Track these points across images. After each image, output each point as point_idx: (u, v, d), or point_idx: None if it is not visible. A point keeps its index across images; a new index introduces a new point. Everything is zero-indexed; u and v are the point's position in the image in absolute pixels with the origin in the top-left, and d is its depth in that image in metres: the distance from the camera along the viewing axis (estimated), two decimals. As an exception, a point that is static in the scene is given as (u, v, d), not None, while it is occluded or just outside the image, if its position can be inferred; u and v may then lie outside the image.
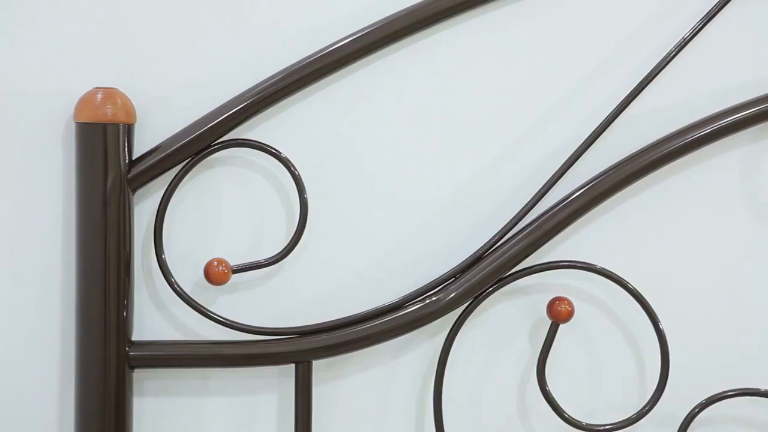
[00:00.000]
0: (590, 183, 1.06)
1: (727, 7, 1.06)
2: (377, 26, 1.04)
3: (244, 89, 1.04)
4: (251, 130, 1.05)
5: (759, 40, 1.08)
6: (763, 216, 1.10)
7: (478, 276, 1.05)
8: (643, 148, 1.06)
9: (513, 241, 1.05)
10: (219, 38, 1.05)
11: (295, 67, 1.03)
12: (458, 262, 1.06)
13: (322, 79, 1.04)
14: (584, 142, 1.06)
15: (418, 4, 1.05)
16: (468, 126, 1.07)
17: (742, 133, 1.08)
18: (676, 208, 1.09)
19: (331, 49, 1.04)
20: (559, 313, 1.06)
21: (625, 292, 1.07)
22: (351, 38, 1.04)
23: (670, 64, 1.06)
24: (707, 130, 1.06)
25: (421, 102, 1.07)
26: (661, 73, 1.06)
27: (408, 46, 1.06)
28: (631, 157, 1.06)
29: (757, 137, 1.09)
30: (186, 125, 1.03)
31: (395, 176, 1.07)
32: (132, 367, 1.03)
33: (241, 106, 1.03)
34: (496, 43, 1.07)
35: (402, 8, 1.05)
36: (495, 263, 1.05)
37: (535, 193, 1.06)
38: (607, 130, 1.06)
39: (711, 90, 1.08)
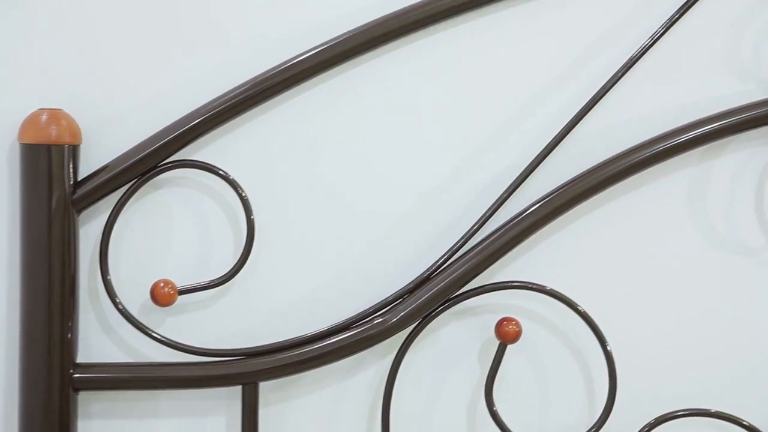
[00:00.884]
0: (539, 203, 1.03)
1: (676, 26, 1.03)
2: (330, 44, 1.01)
3: (196, 108, 1.01)
4: (205, 147, 1.02)
5: (706, 62, 1.05)
6: (711, 236, 1.07)
7: (425, 297, 1.01)
8: (592, 167, 1.04)
9: (461, 262, 1.02)
10: (170, 57, 1.02)
11: (246, 86, 1.01)
12: (408, 282, 1.04)
13: (276, 96, 1.02)
14: (532, 161, 1.04)
15: (372, 22, 1.02)
16: (420, 144, 1.05)
17: (690, 153, 1.05)
18: (625, 228, 1.07)
19: (284, 66, 1.01)
20: (506, 333, 1.03)
21: (575, 313, 1.05)
22: (304, 56, 1.01)
23: (619, 82, 1.03)
24: (656, 149, 1.03)
25: (374, 120, 1.04)
26: (610, 92, 1.04)
27: (362, 63, 1.04)
28: (579, 177, 1.03)
29: (704, 158, 1.06)
30: (134, 145, 1.01)
31: (347, 196, 1.04)
32: (77, 390, 0.99)
33: (188, 126, 1.00)
34: (447, 61, 1.04)
35: (354, 27, 1.02)
36: (443, 284, 1.02)
37: (485, 211, 1.04)
38: (556, 149, 1.04)
39: (660, 110, 1.05)
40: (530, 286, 1.04)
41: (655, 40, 1.03)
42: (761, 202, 1.06)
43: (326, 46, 1.02)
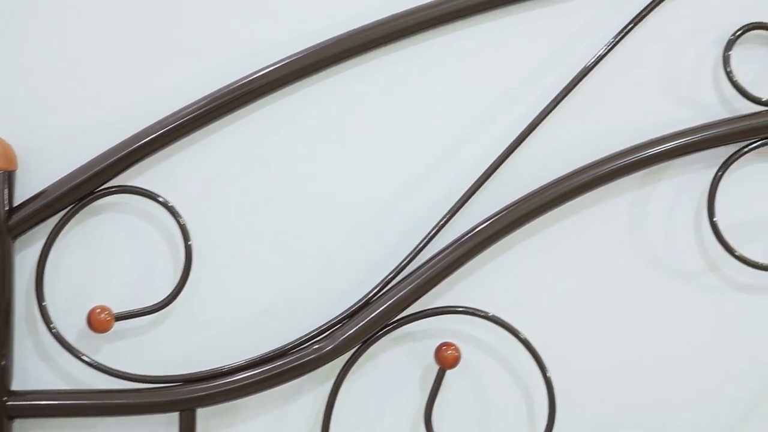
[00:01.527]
0: (478, 227, 1.01)
1: (614, 52, 1.02)
2: (279, 64, 0.99)
3: (138, 131, 0.99)
4: (151, 168, 1.00)
5: (645, 88, 1.04)
6: (652, 260, 1.05)
7: (363, 322, 0.99)
8: (533, 191, 1.02)
9: (399, 287, 1.00)
10: (115, 79, 1.00)
11: (192, 107, 0.98)
12: (348, 306, 1.01)
13: (226, 116, 1.00)
14: (472, 186, 1.02)
15: (311, 48, 1.00)
16: (363, 167, 1.03)
17: (630, 178, 1.03)
18: (566, 252, 1.05)
19: (232, 86, 0.99)
20: (445, 359, 1.01)
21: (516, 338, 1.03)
22: (254, 76, 0.99)
23: (558, 108, 1.02)
24: (597, 173, 1.02)
25: (315, 145, 1.02)
26: (550, 118, 1.02)
27: (312, 84, 1.01)
28: (520, 200, 1.02)
29: (644, 182, 1.05)
30: (73, 170, 0.98)
31: (290, 222, 1.02)
32: (11, 418, 0.96)
33: (128, 150, 0.97)
34: (388, 85, 1.02)
35: (292, 53, 1.00)
36: (381, 309, 0.99)
37: (425, 235, 1.02)
38: (497, 174, 1.02)
39: (600, 135, 1.03)
40: (471, 311, 1.02)
41: (591, 67, 1.02)
42: (700, 226, 1.05)
43: (276, 66, 1.00)
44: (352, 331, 0.99)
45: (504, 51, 1.03)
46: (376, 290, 1.01)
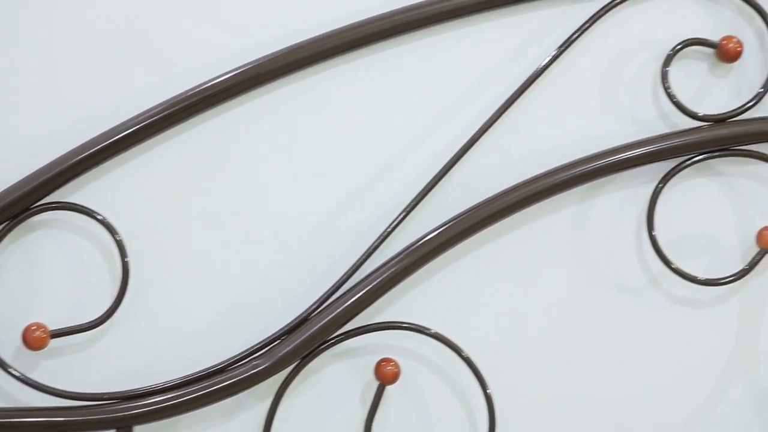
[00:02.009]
0: (419, 242, 0.99)
1: (554, 67, 1.01)
2: (207, 84, 0.97)
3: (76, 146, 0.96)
4: (93, 181, 0.97)
5: (585, 103, 1.02)
6: (593, 276, 1.04)
7: (301, 338, 0.97)
8: (474, 205, 1.00)
9: (339, 302, 0.98)
10: (51, 95, 0.97)
11: (130, 123, 0.96)
12: (288, 322, 0.99)
13: (172, 127, 0.97)
14: (412, 201, 1.00)
15: (258, 60, 0.98)
16: (301, 182, 1.00)
17: (571, 193, 1.02)
18: (508, 266, 1.03)
19: (180, 98, 0.96)
20: (385, 374, 0.99)
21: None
22: (204, 86, 0.96)
23: (499, 123, 1.00)
24: (539, 187, 1.00)
25: (260, 158, 1.00)
26: (490, 133, 1.00)
27: (249, 101, 0.99)
28: (461, 215, 1.00)
29: (585, 197, 1.03)
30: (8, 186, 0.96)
31: (231, 236, 1.00)
32: (-57, 437, 0.95)
33: (66, 165, 0.94)
34: (336, 98, 1.00)
35: (245, 62, 0.98)
36: (319, 325, 0.97)
37: (365, 250, 1.00)
38: (438, 189, 1.00)
39: (540, 150, 1.02)
40: (412, 327, 1.00)
41: (531, 82, 1.00)
42: (641, 241, 1.04)
43: (219, 79, 0.97)
44: (289, 347, 0.97)
45: (448, 64, 1.01)
46: (315, 306, 0.99)
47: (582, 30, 1.00)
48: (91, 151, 0.96)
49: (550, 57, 1.00)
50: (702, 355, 1.06)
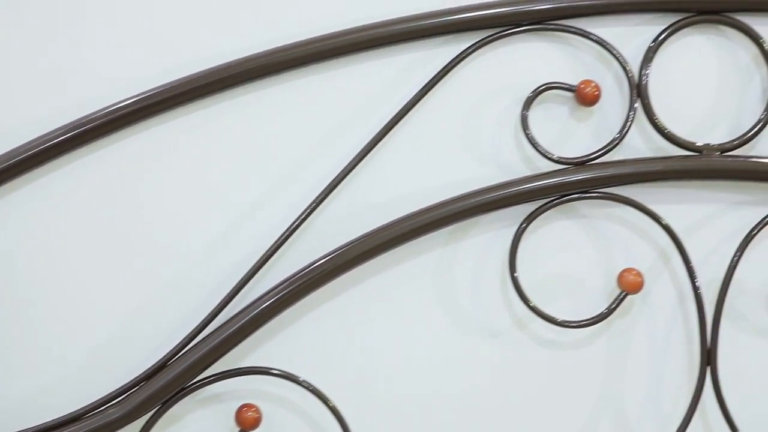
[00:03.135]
0: (277, 287, 0.96)
1: (417, 110, 0.98)
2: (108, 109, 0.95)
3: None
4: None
5: (448, 146, 1.00)
6: (458, 319, 1.01)
7: (160, 384, 0.93)
8: (338, 247, 0.97)
9: (197, 348, 0.95)
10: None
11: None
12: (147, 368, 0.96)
13: (59, 158, 0.94)
14: (274, 244, 0.97)
15: (129, 99, 0.95)
16: (169, 224, 0.98)
17: (436, 236, 0.99)
18: (372, 311, 1.00)
19: (65, 128, 0.94)
20: (245, 420, 0.96)
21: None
22: (93, 115, 0.94)
23: (363, 167, 0.98)
24: (403, 229, 0.97)
25: (124, 198, 0.97)
26: (353, 176, 0.98)
27: (112, 144, 0.97)
28: (325, 257, 0.97)
29: (450, 240, 1.01)
30: None
31: (90, 280, 0.96)
32: None
33: None
34: (206, 138, 0.97)
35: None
36: (178, 370, 0.94)
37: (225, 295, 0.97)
38: (301, 230, 0.97)
39: (404, 194, 0.99)
40: (276, 373, 0.97)
41: (392, 125, 0.98)
42: (507, 283, 1.02)
43: (114, 107, 0.95)
44: (146, 394, 0.93)
45: (314, 106, 0.99)
46: (174, 352, 0.95)
47: (442, 74, 0.98)
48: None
49: (409, 101, 0.98)
50: (569, 397, 1.03)
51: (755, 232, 1.00)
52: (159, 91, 0.95)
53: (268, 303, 0.96)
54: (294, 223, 0.97)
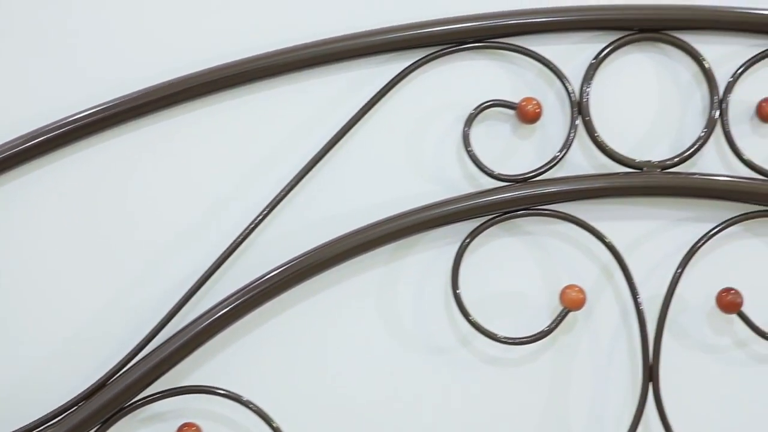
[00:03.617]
0: (218, 305, 0.95)
1: (360, 128, 0.98)
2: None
3: None
4: None
5: (391, 163, 0.99)
6: (402, 336, 1.00)
7: (100, 403, 0.92)
8: (280, 265, 0.96)
9: (137, 366, 0.93)
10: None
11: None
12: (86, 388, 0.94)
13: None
14: (215, 262, 0.96)
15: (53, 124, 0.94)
16: (106, 248, 0.96)
17: (378, 253, 0.98)
18: (316, 329, 0.99)
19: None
20: (185, 439, 0.96)
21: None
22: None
23: (305, 185, 0.97)
24: (345, 246, 0.96)
25: (60, 223, 0.96)
26: (296, 194, 0.97)
27: (44, 166, 0.96)
28: (265, 276, 0.95)
29: (393, 258, 1.00)
30: None
31: (42, 296, 0.95)
32: None
33: None
34: (144, 159, 0.97)
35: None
36: (117, 390, 0.92)
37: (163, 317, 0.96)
38: (245, 251, 0.97)
39: (348, 211, 0.98)
40: (210, 390, 0.96)
41: (334, 142, 0.97)
42: (450, 301, 1.01)
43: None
44: (85, 414, 0.92)
45: (258, 124, 0.98)
46: (113, 372, 0.94)
47: (385, 91, 0.98)
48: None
49: (351, 118, 0.98)
50: (514, 414, 1.02)
51: (697, 248, 1.00)
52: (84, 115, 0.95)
53: (209, 321, 0.95)
54: (235, 241, 0.96)
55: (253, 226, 0.97)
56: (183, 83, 0.96)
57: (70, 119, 0.94)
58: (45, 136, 0.93)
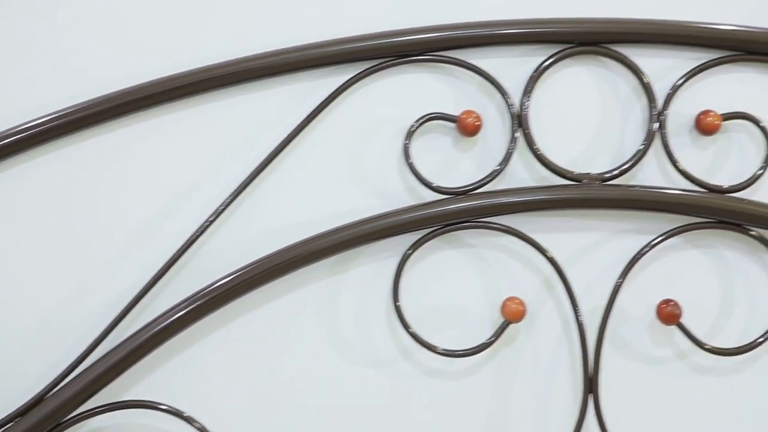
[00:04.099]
0: (157, 320, 0.94)
1: (302, 141, 0.97)
2: None
3: None
4: None
5: (333, 177, 0.98)
6: (344, 349, 0.99)
7: (35, 419, 0.91)
8: (217, 280, 0.95)
9: (74, 383, 0.92)
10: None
11: None
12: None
13: None
14: (153, 277, 0.95)
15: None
16: (45, 260, 0.95)
17: (319, 266, 0.97)
18: (256, 343, 0.98)
19: None
20: (122, 454, 0.95)
21: None
22: None
23: (246, 197, 0.96)
24: (283, 259, 0.96)
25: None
26: (238, 207, 0.96)
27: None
28: (203, 290, 0.95)
29: (334, 271, 0.99)
30: None
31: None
32: None
33: None
34: (70, 175, 0.96)
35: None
36: (53, 406, 0.91)
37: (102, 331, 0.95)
38: (185, 265, 0.96)
39: (290, 224, 0.98)
40: (158, 406, 0.95)
41: (273, 157, 0.96)
42: (391, 314, 1.00)
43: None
44: (20, 430, 0.90)
45: (198, 137, 0.97)
46: (49, 387, 0.92)
47: (325, 104, 0.97)
48: None
49: (291, 132, 0.96)
50: (455, 426, 1.01)
51: (637, 259, 0.99)
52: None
53: (149, 334, 0.94)
54: (175, 254, 0.95)
55: (192, 239, 0.96)
56: (124, 96, 0.95)
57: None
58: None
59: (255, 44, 0.97)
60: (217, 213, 0.96)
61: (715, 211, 0.99)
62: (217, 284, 0.95)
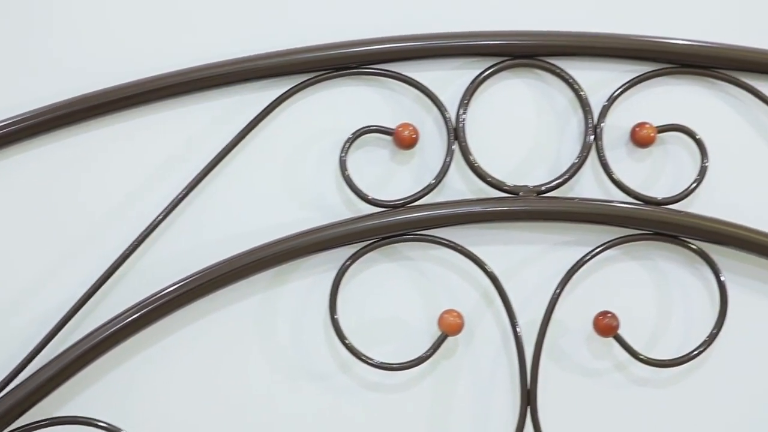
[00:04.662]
0: (88, 336, 0.92)
1: (237, 154, 0.96)
2: None
3: None
4: None
5: (269, 190, 0.97)
6: (281, 364, 0.98)
7: (-35, 436, 0.91)
8: (150, 295, 0.93)
9: (8, 396, 0.91)
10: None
11: None
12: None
13: None
14: (87, 291, 0.93)
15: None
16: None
17: (256, 280, 0.96)
18: (192, 358, 0.97)
19: None
20: (55, 471, 0.93)
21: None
22: None
23: (183, 211, 0.96)
24: (218, 273, 0.95)
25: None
26: (174, 221, 0.95)
27: None
28: (135, 307, 0.93)
29: (271, 284, 0.98)
30: None
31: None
32: None
33: None
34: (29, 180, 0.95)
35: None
36: (-15, 421, 0.91)
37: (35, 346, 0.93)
38: (120, 279, 0.95)
39: (225, 237, 0.97)
40: (96, 423, 0.94)
41: (208, 171, 0.95)
42: (329, 328, 0.98)
43: None
44: (-52, 447, 0.90)
45: (134, 150, 0.96)
46: (-18, 401, 0.92)
47: (260, 118, 0.96)
48: None
49: (226, 146, 0.95)
50: (396, 436, 1.01)
51: (574, 271, 0.99)
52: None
53: (86, 347, 0.93)
54: (108, 269, 0.94)
55: (127, 252, 0.94)
56: (63, 107, 0.94)
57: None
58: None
59: (200, 55, 0.96)
60: (154, 225, 0.94)
61: (651, 223, 0.99)
62: (156, 296, 0.94)
